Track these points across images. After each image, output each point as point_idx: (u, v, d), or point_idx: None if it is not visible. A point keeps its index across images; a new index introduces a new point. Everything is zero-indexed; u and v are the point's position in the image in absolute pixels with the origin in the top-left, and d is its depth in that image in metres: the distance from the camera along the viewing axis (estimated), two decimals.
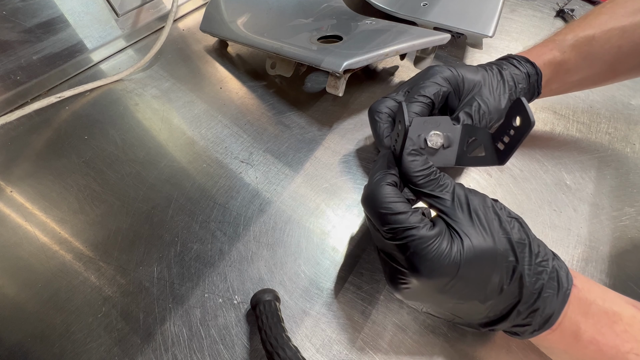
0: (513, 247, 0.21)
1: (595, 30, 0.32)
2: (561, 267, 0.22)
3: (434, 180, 0.23)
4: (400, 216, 0.21)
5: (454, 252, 0.20)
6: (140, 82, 0.44)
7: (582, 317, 0.21)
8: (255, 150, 0.37)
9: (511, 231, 0.21)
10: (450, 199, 0.22)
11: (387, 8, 0.47)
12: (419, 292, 0.22)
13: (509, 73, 0.31)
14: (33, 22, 0.39)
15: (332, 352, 0.26)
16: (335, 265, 0.30)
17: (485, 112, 0.29)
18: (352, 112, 0.41)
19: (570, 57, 0.32)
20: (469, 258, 0.20)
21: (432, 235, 0.21)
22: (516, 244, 0.21)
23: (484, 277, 0.21)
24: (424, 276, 0.21)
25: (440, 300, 0.22)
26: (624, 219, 0.32)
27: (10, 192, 0.34)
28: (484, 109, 0.29)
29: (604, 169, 0.36)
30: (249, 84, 0.44)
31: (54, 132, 0.39)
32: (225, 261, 0.30)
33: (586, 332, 0.21)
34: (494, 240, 0.21)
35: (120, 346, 0.26)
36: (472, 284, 0.21)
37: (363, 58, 0.34)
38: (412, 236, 0.21)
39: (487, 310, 0.22)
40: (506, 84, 0.30)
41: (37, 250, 0.31)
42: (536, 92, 0.32)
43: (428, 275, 0.21)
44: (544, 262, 0.21)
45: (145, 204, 0.33)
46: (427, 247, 0.20)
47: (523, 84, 0.31)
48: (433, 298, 0.22)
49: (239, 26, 0.45)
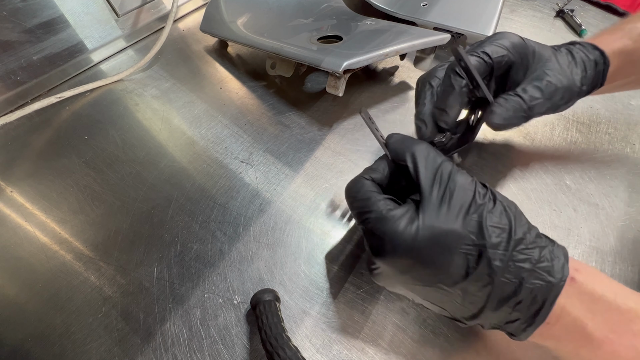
0: (482, 230, 0.20)
1: None
2: (556, 256, 0.21)
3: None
4: (368, 201, 0.22)
5: (410, 232, 0.20)
6: (140, 82, 0.44)
7: (587, 312, 0.20)
8: (255, 150, 0.37)
9: (486, 215, 0.20)
10: (432, 174, 0.22)
11: (387, 8, 0.47)
12: (386, 275, 0.23)
13: (580, 57, 0.29)
14: (33, 23, 0.39)
15: (332, 352, 0.26)
16: (335, 265, 0.30)
17: (557, 89, 0.27)
18: (352, 112, 0.41)
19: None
20: (424, 238, 0.20)
21: (392, 215, 0.21)
22: (489, 228, 0.20)
23: (444, 259, 0.20)
24: (380, 256, 0.21)
25: (407, 284, 0.22)
26: (624, 219, 0.32)
27: (10, 192, 0.34)
28: (556, 85, 0.27)
29: (604, 169, 0.36)
30: (249, 84, 0.44)
31: (54, 132, 0.39)
32: (225, 261, 0.30)
33: (597, 330, 0.20)
34: (458, 221, 0.20)
35: (120, 346, 0.26)
36: (431, 265, 0.20)
37: (363, 58, 0.34)
38: (370, 216, 0.21)
39: (463, 300, 0.21)
40: (578, 66, 0.29)
41: (37, 251, 0.31)
42: (599, 83, 0.30)
43: (383, 255, 0.21)
44: (528, 250, 0.20)
45: (145, 204, 0.33)
46: (384, 226, 0.21)
47: (591, 72, 0.29)
48: (399, 281, 0.22)
49: (239, 26, 0.45)
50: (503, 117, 0.27)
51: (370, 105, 0.41)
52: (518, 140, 0.38)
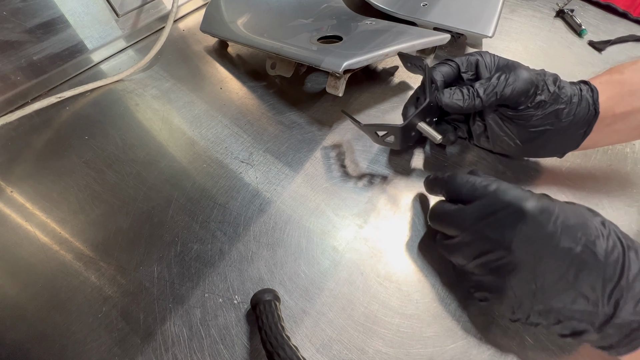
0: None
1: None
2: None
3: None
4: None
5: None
6: (140, 82, 0.44)
7: None
8: (255, 150, 0.37)
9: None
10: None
11: (387, 8, 0.47)
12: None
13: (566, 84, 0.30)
14: (33, 23, 0.40)
15: (332, 352, 0.26)
16: (335, 265, 0.30)
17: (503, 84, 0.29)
18: (352, 112, 0.41)
19: (633, 77, 0.29)
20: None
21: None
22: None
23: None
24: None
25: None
26: (624, 219, 0.32)
27: (10, 193, 0.34)
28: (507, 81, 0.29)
29: (604, 169, 0.36)
30: (249, 84, 0.44)
31: (55, 132, 0.39)
32: (225, 261, 0.30)
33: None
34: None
35: (120, 346, 0.26)
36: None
37: (363, 58, 0.34)
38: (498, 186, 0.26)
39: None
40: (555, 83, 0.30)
41: (37, 251, 0.31)
42: (593, 109, 0.29)
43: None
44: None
45: (146, 204, 0.33)
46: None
47: (575, 100, 0.29)
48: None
49: (239, 26, 0.45)
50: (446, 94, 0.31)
51: (370, 105, 0.41)
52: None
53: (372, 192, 0.34)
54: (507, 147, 0.33)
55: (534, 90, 0.29)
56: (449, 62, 0.33)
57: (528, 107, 0.29)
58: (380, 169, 0.36)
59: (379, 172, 0.36)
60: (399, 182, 0.35)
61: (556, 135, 0.30)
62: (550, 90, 0.29)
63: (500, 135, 0.32)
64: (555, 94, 0.29)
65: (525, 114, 0.30)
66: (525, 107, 0.29)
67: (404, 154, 0.37)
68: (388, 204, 0.34)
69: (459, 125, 0.35)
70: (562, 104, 0.29)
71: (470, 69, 0.32)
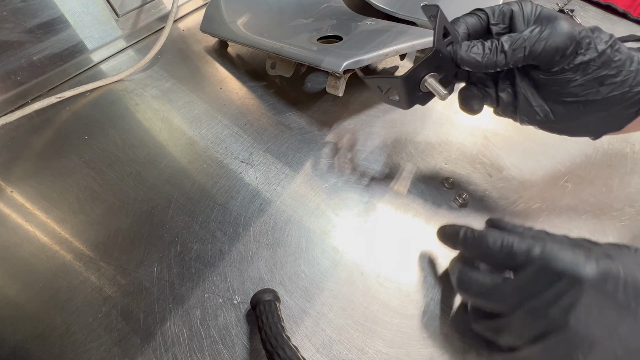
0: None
1: None
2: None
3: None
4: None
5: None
6: (140, 82, 0.44)
7: None
8: (255, 150, 0.37)
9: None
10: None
11: (387, 8, 0.47)
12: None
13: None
14: (33, 23, 0.39)
15: (332, 352, 0.26)
16: (335, 265, 0.30)
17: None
18: (352, 112, 0.41)
19: None
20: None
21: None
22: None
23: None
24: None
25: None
26: (624, 219, 0.32)
27: (10, 193, 0.34)
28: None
29: (604, 169, 0.36)
30: (249, 84, 0.44)
31: (55, 132, 0.39)
32: (225, 261, 0.30)
33: None
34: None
35: (120, 346, 0.26)
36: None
37: (363, 58, 0.34)
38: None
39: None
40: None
41: (37, 251, 0.31)
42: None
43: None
44: None
45: (146, 204, 0.33)
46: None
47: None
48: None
49: (239, 26, 0.45)
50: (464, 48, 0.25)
51: (370, 106, 0.41)
52: (518, 139, 0.38)
53: (372, 192, 0.34)
54: (536, 120, 0.27)
55: (573, 48, 0.23)
56: (477, 11, 0.27)
57: (565, 70, 0.23)
58: (380, 169, 0.36)
59: (379, 172, 0.36)
60: (399, 182, 0.35)
61: (598, 110, 0.25)
62: (598, 50, 0.23)
63: (529, 107, 0.26)
64: (606, 56, 0.23)
65: (561, 78, 0.24)
66: (560, 70, 0.23)
67: (404, 154, 0.37)
68: (388, 204, 0.34)
69: (487, 91, 0.29)
70: (613, 70, 0.23)
71: (502, 20, 0.26)
